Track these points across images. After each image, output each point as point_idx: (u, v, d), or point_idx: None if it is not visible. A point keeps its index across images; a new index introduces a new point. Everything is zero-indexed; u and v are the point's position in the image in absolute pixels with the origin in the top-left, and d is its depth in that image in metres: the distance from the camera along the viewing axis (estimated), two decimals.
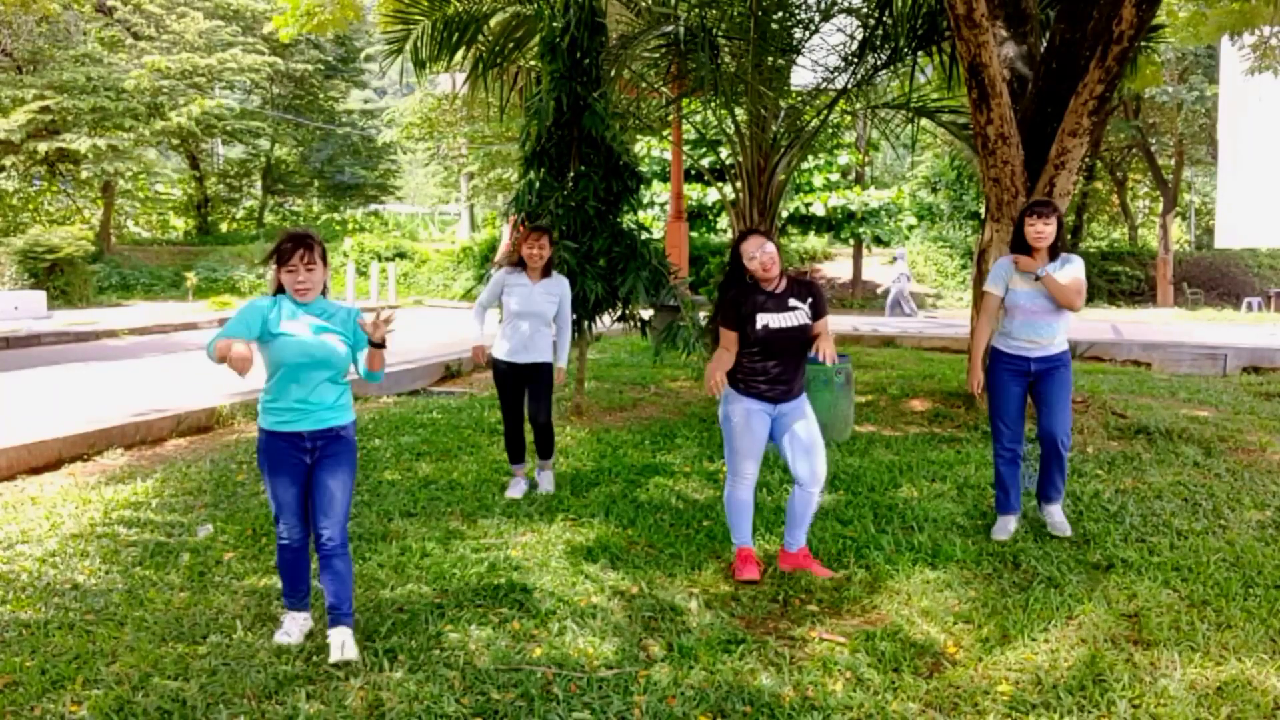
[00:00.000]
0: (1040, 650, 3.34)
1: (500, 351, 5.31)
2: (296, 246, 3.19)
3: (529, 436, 5.50)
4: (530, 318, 5.26)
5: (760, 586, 3.95)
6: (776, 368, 3.96)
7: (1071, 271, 4.47)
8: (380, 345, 3.26)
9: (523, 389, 5.38)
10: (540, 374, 5.35)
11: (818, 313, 4.00)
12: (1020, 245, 4.54)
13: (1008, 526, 4.67)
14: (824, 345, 3.88)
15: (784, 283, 3.99)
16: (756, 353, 3.96)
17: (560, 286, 5.37)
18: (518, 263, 5.33)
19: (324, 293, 3.34)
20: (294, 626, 3.41)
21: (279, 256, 3.21)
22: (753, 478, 4.11)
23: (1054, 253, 4.48)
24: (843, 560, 4.23)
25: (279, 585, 3.82)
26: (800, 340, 3.95)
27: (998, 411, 4.66)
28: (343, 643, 3.24)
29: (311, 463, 3.31)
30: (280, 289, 3.28)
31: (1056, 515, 4.67)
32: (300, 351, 3.20)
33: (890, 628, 3.52)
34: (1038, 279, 4.44)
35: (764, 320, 3.92)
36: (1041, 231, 4.42)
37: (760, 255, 3.89)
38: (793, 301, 3.96)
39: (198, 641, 3.35)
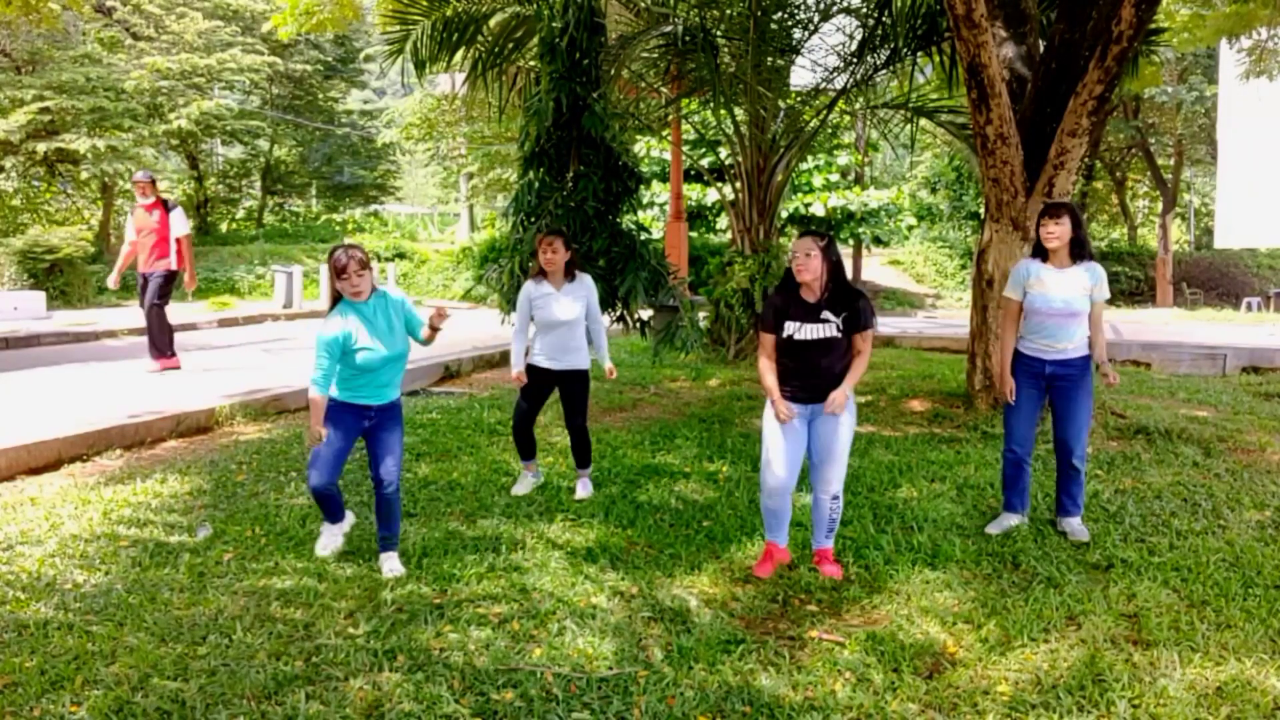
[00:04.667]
0: (1040, 650, 3.34)
1: (537, 358, 5.28)
2: (347, 258, 3.92)
3: (557, 442, 5.42)
4: (560, 325, 5.19)
5: (760, 586, 3.95)
6: (809, 373, 3.93)
7: (1102, 291, 4.45)
8: (435, 329, 4.05)
9: (549, 392, 5.35)
10: (577, 380, 5.30)
11: (854, 326, 3.89)
12: (1040, 249, 4.54)
13: (1003, 523, 4.68)
14: (835, 392, 3.86)
15: (825, 293, 3.90)
16: (788, 359, 3.96)
17: (584, 287, 5.29)
18: (539, 272, 5.24)
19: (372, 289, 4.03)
20: (333, 535, 4.30)
21: (336, 271, 3.92)
22: (781, 491, 4.02)
23: (1076, 254, 4.46)
24: (842, 560, 4.23)
25: (279, 585, 3.88)
26: (828, 351, 3.87)
27: (1009, 411, 4.67)
28: (391, 565, 4.07)
29: (370, 426, 4.12)
30: (337, 298, 3.99)
31: (1074, 525, 4.60)
32: (365, 364, 3.98)
33: (890, 628, 3.52)
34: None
35: (790, 329, 3.89)
36: (1053, 231, 4.41)
37: (799, 256, 3.85)
38: (825, 314, 3.87)
39: (198, 641, 3.35)
